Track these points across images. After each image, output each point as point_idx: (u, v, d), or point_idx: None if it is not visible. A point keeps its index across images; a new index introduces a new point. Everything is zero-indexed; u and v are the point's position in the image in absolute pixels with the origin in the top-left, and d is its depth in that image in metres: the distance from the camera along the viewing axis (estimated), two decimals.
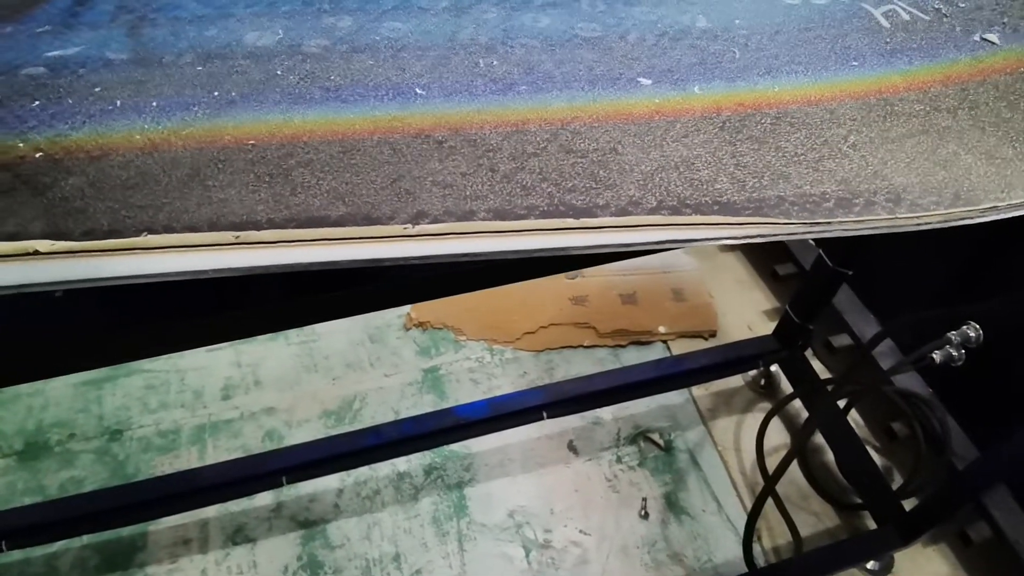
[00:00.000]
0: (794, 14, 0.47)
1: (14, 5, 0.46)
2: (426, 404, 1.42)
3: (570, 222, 0.37)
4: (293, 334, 1.52)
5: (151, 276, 0.33)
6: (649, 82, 0.43)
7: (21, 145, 0.39)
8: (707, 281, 1.60)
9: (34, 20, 0.46)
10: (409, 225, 0.36)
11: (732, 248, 1.67)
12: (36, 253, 0.33)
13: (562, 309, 1.55)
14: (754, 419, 1.38)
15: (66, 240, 0.34)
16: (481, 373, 1.47)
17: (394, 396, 1.43)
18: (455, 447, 1.34)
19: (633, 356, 1.49)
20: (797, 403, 1.36)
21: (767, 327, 1.46)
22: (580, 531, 1.25)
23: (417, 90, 0.43)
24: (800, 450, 1.28)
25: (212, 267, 0.33)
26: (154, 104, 0.40)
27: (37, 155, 0.38)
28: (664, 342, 1.50)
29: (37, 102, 0.41)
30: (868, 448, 1.28)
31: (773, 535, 1.24)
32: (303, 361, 1.47)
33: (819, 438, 1.33)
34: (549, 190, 0.39)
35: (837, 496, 1.28)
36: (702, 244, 0.37)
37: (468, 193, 0.38)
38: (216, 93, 0.41)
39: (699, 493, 1.29)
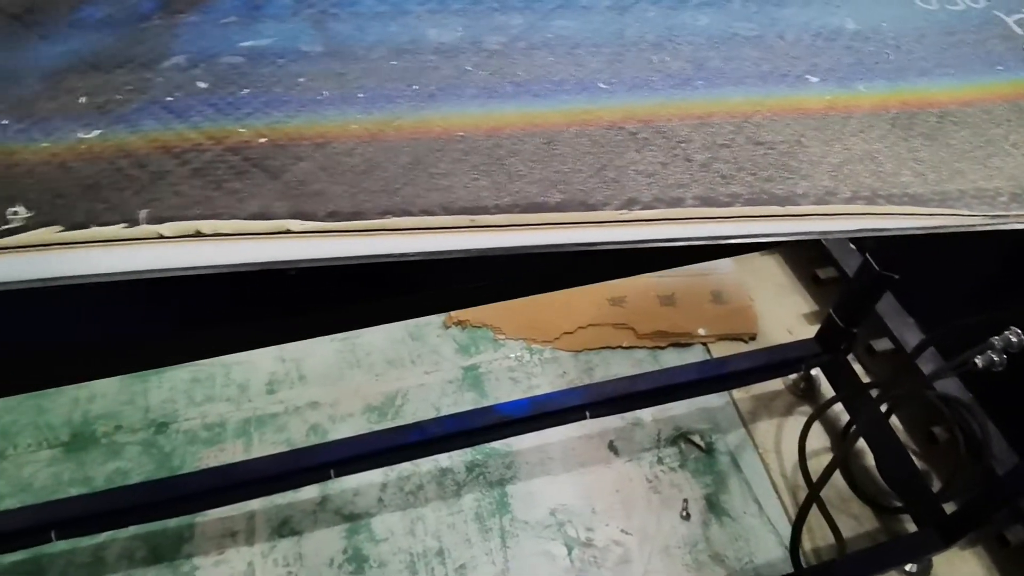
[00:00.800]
0: (933, 19, 0.49)
1: None
2: (466, 402, 1.43)
3: (775, 209, 0.38)
4: None
5: (399, 256, 0.35)
6: (816, 79, 0.45)
7: (242, 130, 0.41)
8: (746, 284, 1.60)
9: (216, 10, 0.47)
10: (625, 211, 0.38)
11: (772, 252, 1.68)
12: (288, 232, 0.35)
13: (600, 310, 1.56)
14: (794, 422, 1.38)
15: (312, 220, 0.36)
16: (520, 372, 1.48)
17: (435, 393, 1.44)
18: (496, 445, 1.34)
19: (672, 358, 1.49)
20: (836, 406, 1.37)
21: (807, 331, 1.46)
22: (622, 531, 1.25)
23: (600, 84, 0.45)
24: (844, 456, 1.28)
25: (452, 248, 0.35)
26: (360, 95, 0.42)
27: (261, 140, 0.40)
28: (704, 344, 1.51)
29: (246, 90, 0.43)
30: (908, 452, 1.28)
31: (814, 537, 1.24)
32: (345, 357, 1.49)
33: (859, 441, 1.34)
34: (747, 179, 0.41)
35: (877, 499, 1.28)
36: (895, 232, 0.38)
37: (671, 181, 0.40)
38: (416, 87, 0.42)
39: (740, 495, 1.29)
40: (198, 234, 0.35)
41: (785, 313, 1.57)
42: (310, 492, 1.27)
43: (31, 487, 1.26)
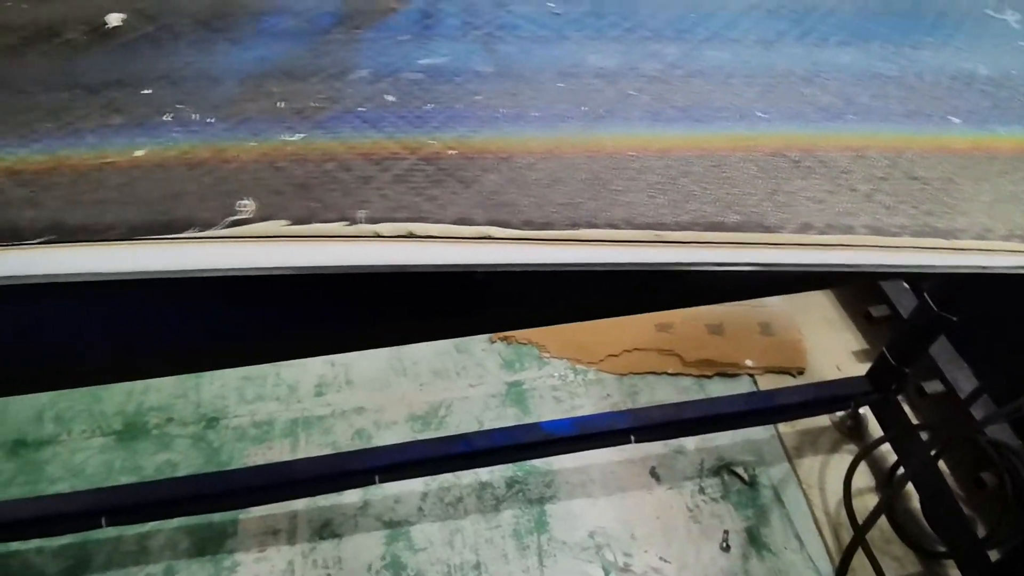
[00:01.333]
0: None
1: (369, 13, 0.50)
2: (509, 417, 1.44)
3: (940, 242, 0.40)
4: None
5: (588, 265, 0.37)
6: (958, 121, 0.46)
7: (432, 142, 0.43)
8: (795, 318, 1.60)
9: (391, 28, 0.51)
10: (803, 234, 0.40)
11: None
12: (488, 238, 0.37)
13: (647, 335, 1.56)
14: (840, 459, 1.37)
15: (508, 228, 0.39)
16: (564, 391, 1.48)
17: (478, 406, 1.45)
18: (537, 463, 1.35)
19: (719, 388, 1.49)
20: (883, 446, 1.35)
21: (856, 368, 1.45)
22: (660, 558, 1.25)
23: (758, 113, 0.47)
24: (891, 499, 1.27)
25: (640, 260, 0.37)
26: (534, 114, 0.44)
27: (451, 152, 0.43)
28: (751, 376, 1.50)
29: (430, 105, 0.46)
30: (955, 496, 1.26)
31: None
32: (393, 365, 1.50)
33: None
34: (910, 211, 0.42)
35: (921, 543, 1.26)
36: None
37: (839, 209, 0.42)
38: (585, 108, 0.45)
39: (782, 530, 1.28)
40: (410, 235, 0.38)
41: (834, 349, 1.55)
42: (352, 496, 1.28)
43: (83, 473, 1.28)
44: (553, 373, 1.52)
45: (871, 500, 1.31)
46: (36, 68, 0.48)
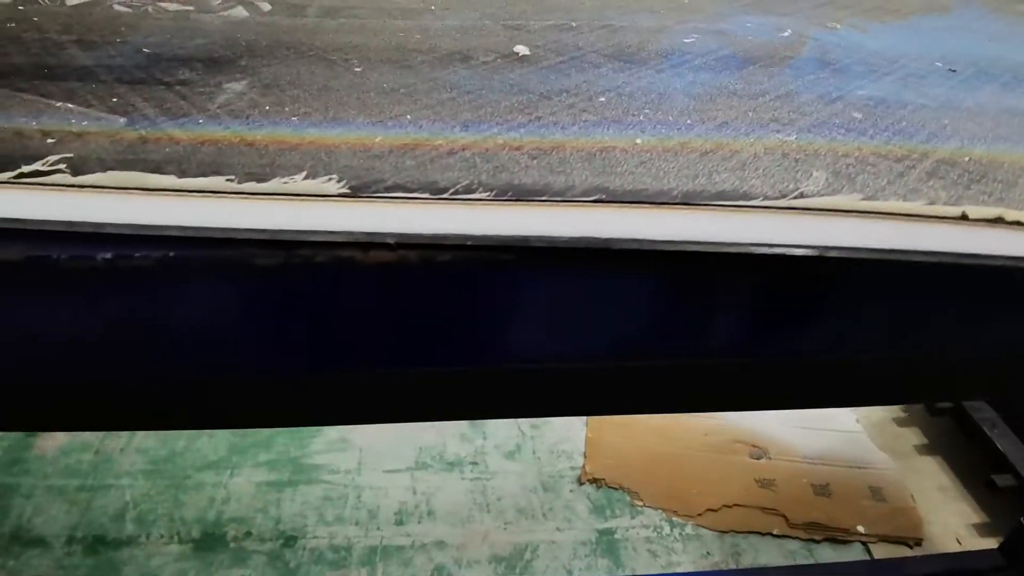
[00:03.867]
0: None
1: (769, 58, 0.56)
2: (600, 568, 1.33)
3: None
4: (468, 469, 1.48)
5: None
6: None
7: (940, 150, 0.45)
8: (907, 484, 1.49)
9: (800, 69, 0.55)
10: None
11: (931, 452, 1.57)
12: None
13: (747, 490, 1.47)
14: None
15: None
16: (659, 545, 1.38)
17: (566, 553, 1.35)
18: None
19: (828, 554, 1.37)
20: None
21: (979, 543, 1.33)
22: None
23: None
24: None
25: None
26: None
27: (966, 159, 0.44)
28: (863, 544, 1.38)
29: (904, 122, 0.48)
30: None
31: None
32: (476, 498, 1.42)
33: None
34: None
35: None
36: None
37: None
38: None
39: None
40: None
41: (951, 520, 1.43)
42: None
43: None
44: (647, 523, 1.41)
45: None
46: (470, 78, 0.50)
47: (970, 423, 1.51)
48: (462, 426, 1.59)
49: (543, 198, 0.36)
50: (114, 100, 0.44)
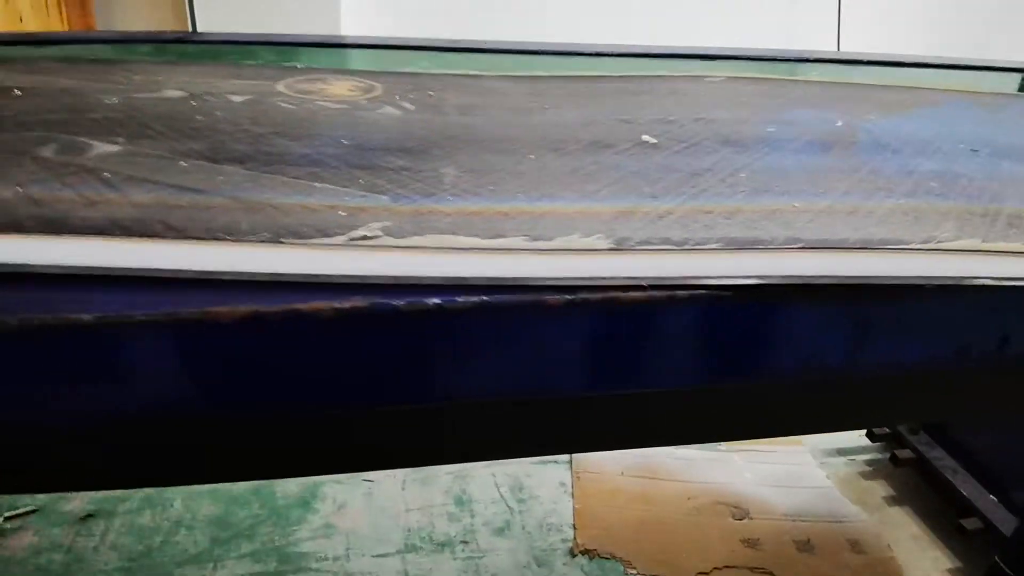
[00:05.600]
0: None
1: (841, 143, 0.64)
2: None
3: None
4: (459, 548, 1.46)
5: None
6: None
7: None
8: (883, 535, 1.55)
9: (868, 151, 0.64)
10: None
11: (899, 502, 1.64)
12: None
13: (734, 551, 1.49)
14: None
15: None
16: None
17: None
18: None
19: None
20: None
21: None
22: None
23: None
24: None
25: None
26: None
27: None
28: None
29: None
30: None
31: None
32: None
33: None
34: None
35: None
36: None
37: None
38: None
39: None
40: None
41: (928, 567, 1.49)
42: None
43: None
44: None
45: None
46: (625, 161, 0.57)
47: (932, 472, 1.59)
48: (449, 505, 1.57)
49: (758, 247, 0.44)
50: (361, 182, 0.50)
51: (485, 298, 0.39)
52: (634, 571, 1.46)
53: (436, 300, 0.39)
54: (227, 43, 0.89)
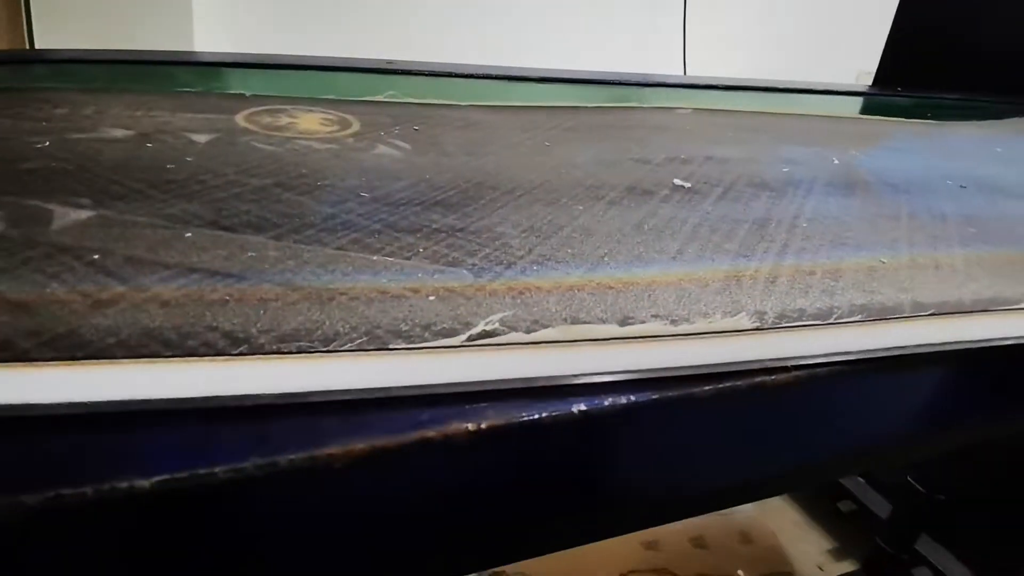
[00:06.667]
0: None
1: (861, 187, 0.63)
2: None
3: None
4: None
5: None
6: None
7: None
8: (768, 524, 1.64)
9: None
10: None
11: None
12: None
13: (637, 554, 1.52)
14: None
15: None
16: None
17: None
18: None
19: None
20: None
21: (837, 567, 1.50)
22: None
23: None
24: None
25: None
26: None
27: None
28: None
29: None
30: None
31: None
32: None
33: None
34: None
35: None
36: None
37: None
38: None
39: None
40: None
41: (810, 550, 1.60)
42: None
43: None
44: None
45: None
46: (679, 210, 0.53)
47: None
48: None
49: (893, 316, 0.42)
50: (421, 251, 0.43)
51: (654, 395, 0.35)
52: None
53: (618, 399, 0.34)
54: (126, 63, 0.75)
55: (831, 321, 0.40)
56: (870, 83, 1.47)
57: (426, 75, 0.82)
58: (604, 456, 0.36)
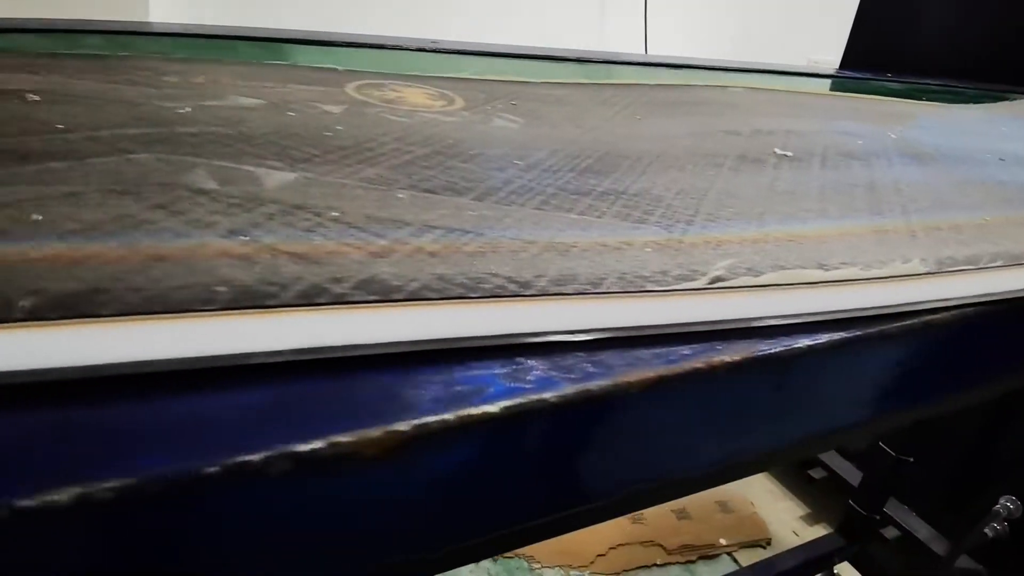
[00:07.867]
0: None
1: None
2: None
3: None
4: None
5: None
6: None
7: None
8: (745, 493, 1.72)
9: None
10: None
11: None
12: None
13: (624, 528, 1.57)
14: None
15: None
16: None
17: None
18: None
19: (706, 570, 1.53)
20: None
21: (811, 531, 1.59)
22: None
23: None
24: None
25: None
26: None
27: None
28: (729, 554, 1.56)
29: None
30: None
31: None
32: None
33: None
34: None
35: None
36: None
37: None
38: None
39: None
40: None
41: (784, 517, 1.69)
42: None
43: None
44: None
45: None
46: (797, 177, 0.57)
47: None
48: None
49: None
50: (606, 209, 0.46)
51: (858, 332, 0.39)
52: (538, 564, 1.48)
53: (833, 336, 0.38)
54: (195, 36, 0.74)
55: (981, 266, 0.45)
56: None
57: (477, 55, 0.84)
58: (824, 389, 0.41)
